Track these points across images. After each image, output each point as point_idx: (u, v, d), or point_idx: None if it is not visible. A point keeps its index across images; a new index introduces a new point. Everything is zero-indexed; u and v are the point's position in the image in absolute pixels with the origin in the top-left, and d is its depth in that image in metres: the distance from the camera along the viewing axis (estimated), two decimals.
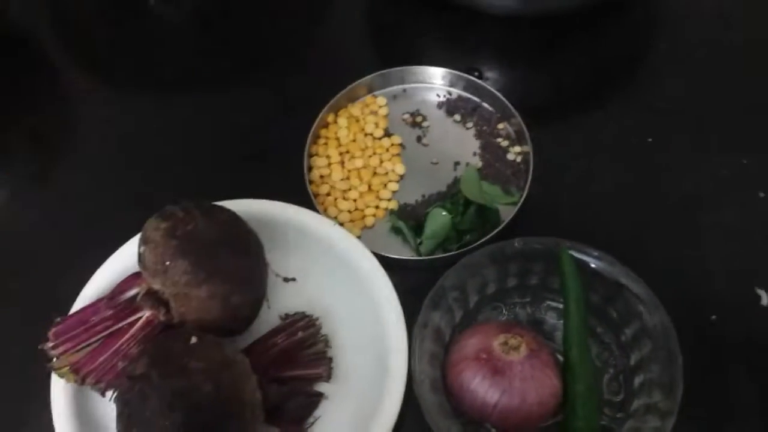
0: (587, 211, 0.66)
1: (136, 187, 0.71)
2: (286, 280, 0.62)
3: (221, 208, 0.58)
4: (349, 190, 0.68)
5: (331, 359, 0.59)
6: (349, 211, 0.67)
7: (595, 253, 0.56)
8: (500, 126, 0.70)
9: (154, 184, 0.71)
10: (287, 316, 0.61)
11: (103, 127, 0.76)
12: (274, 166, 0.70)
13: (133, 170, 0.73)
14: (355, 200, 0.68)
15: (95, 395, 0.57)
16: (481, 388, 0.52)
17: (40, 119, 0.78)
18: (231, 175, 0.70)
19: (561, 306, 0.58)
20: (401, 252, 0.64)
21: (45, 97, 0.79)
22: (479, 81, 0.71)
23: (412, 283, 0.60)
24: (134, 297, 0.56)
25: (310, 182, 0.68)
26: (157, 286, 0.54)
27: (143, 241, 0.54)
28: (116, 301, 0.56)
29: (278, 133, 0.72)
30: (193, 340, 0.51)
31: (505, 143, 0.69)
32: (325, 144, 0.70)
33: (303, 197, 0.65)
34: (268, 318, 0.60)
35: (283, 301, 0.62)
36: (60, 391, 0.57)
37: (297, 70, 0.78)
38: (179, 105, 0.77)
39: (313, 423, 0.57)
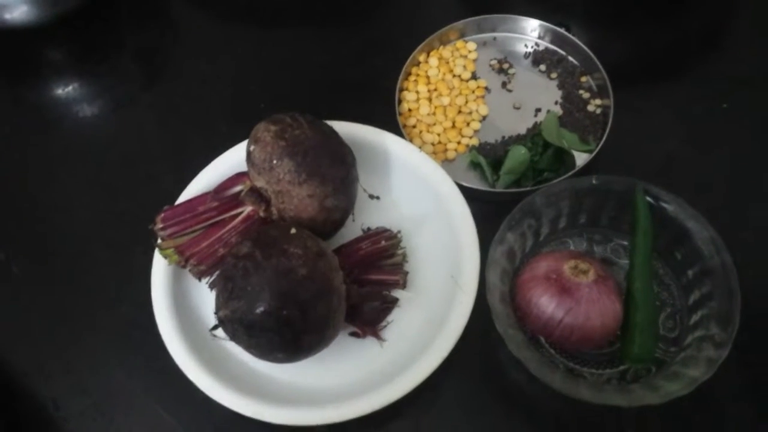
0: (658, 165, 0.70)
1: (238, 104, 0.77)
2: (371, 197, 0.67)
3: (323, 121, 0.63)
4: (434, 124, 0.73)
5: (407, 272, 0.64)
6: (433, 144, 0.72)
7: (667, 195, 0.59)
8: (583, 79, 0.74)
9: (255, 103, 0.77)
10: (369, 229, 0.66)
11: (208, 52, 0.82)
12: (368, 96, 0.75)
13: (236, 90, 0.79)
14: (439, 134, 0.72)
15: (189, 283, 0.63)
16: (549, 305, 0.56)
17: (148, 38, 0.85)
18: (328, 101, 0.76)
19: (627, 246, 0.62)
20: (478, 186, 0.69)
21: (154, 21, 0.86)
22: (568, 34, 0.75)
23: (486, 215, 0.64)
24: (238, 193, 0.62)
25: (400, 114, 0.72)
26: (260, 183, 0.60)
27: (253, 141, 0.60)
28: (221, 195, 0.62)
29: (374, 68, 0.77)
30: (293, 230, 0.56)
31: (586, 95, 0.73)
32: (416, 81, 0.75)
33: (392, 127, 0.70)
34: (353, 230, 0.65)
35: (367, 216, 0.67)
36: (160, 272, 0.63)
37: (395, 11, 0.83)
38: (283, 39, 0.82)
39: (386, 326, 0.62)
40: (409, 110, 0.74)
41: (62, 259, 0.70)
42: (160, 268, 0.63)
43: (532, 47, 0.77)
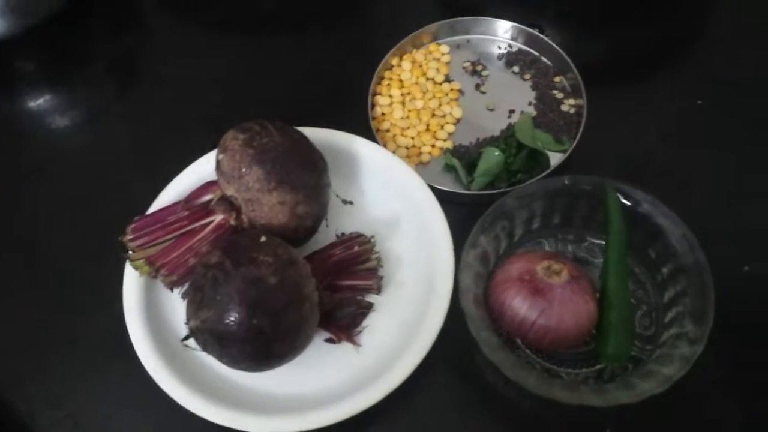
0: (633, 164, 0.70)
1: (211, 112, 0.76)
2: (344, 202, 0.67)
3: (293, 127, 0.62)
4: (408, 128, 0.72)
5: (382, 276, 0.63)
6: (407, 147, 0.71)
7: (639, 194, 0.59)
8: (556, 79, 0.74)
9: (228, 110, 0.76)
10: (343, 235, 0.65)
11: (183, 60, 0.82)
12: (341, 101, 0.75)
13: (209, 97, 0.78)
14: (413, 138, 0.72)
15: (162, 293, 0.63)
16: (522, 306, 0.56)
17: (120, 48, 0.84)
18: (300, 107, 0.75)
19: (602, 245, 0.62)
20: (453, 188, 0.68)
21: (126, 30, 0.85)
22: (541, 35, 0.75)
23: (461, 217, 0.64)
24: (208, 202, 0.61)
25: (373, 118, 0.72)
26: (230, 192, 0.59)
27: (222, 150, 0.59)
28: (191, 205, 0.62)
29: (346, 72, 0.77)
30: (263, 238, 0.56)
31: (560, 95, 0.73)
32: (389, 85, 0.75)
33: (365, 131, 0.70)
34: (327, 236, 0.65)
35: (340, 221, 0.66)
36: (132, 283, 0.62)
37: (367, 15, 0.83)
38: (255, 46, 0.81)
39: (361, 331, 0.62)
40: (383, 114, 0.73)
41: (36, 271, 0.69)
42: (131, 279, 0.62)
43: (505, 49, 0.77)
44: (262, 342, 0.53)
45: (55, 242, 0.71)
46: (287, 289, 0.53)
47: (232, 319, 0.52)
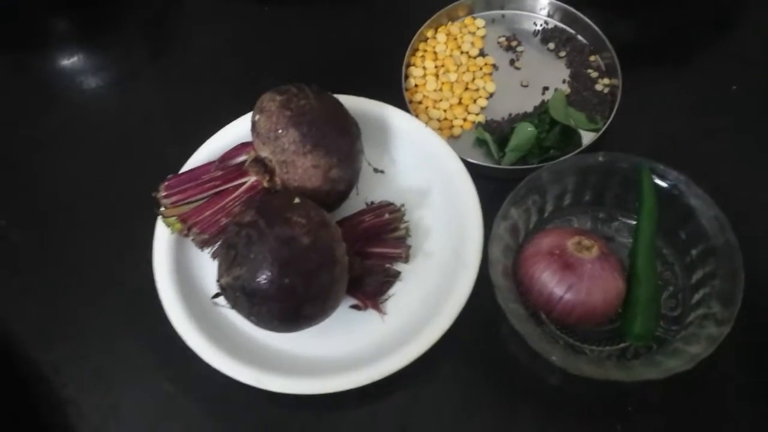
0: (665, 145, 0.69)
1: (244, 79, 0.77)
2: (376, 170, 0.67)
3: (329, 93, 0.62)
4: (441, 100, 0.72)
5: (410, 246, 0.63)
6: (439, 120, 0.71)
7: (673, 174, 0.59)
8: (592, 58, 0.73)
9: (263, 75, 0.76)
10: (373, 203, 0.65)
11: (216, 26, 0.82)
12: (375, 71, 0.74)
13: (241, 63, 0.78)
14: (445, 110, 0.72)
15: (191, 253, 0.63)
16: (552, 280, 0.56)
17: (153, 11, 0.84)
18: (335, 75, 0.75)
19: (631, 225, 0.62)
20: (484, 162, 0.68)
21: None
22: (578, 13, 0.74)
23: (490, 191, 0.64)
24: (242, 163, 0.62)
25: (406, 89, 0.72)
26: (265, 153, 0.60)
27: (259, 110, 0.59)
28: (225, 165, 0.62)
29: (381, 42, 0.77)
30: (296, 200, 0.56)
31: (594, 74, 0.72)
32: (423, 56, 0.74)
33: (399, 102, 0.70)
34: (356, 204, 0.65)
35: (371, 190, 0.66)
36: (163, 241, 0.63)
37: None
38: (290, 13, 0.81)
39: (387, 299, 0.62)
40: (416, 86, 0.73)
41: (64, 228, 0.70)
42: (162, 236, 0.63)
43: (541, 25, 0.76)
44: (293, 302, 0.53)
45: (84, 201, 0.71)
46: (320, 250, 0.54)
47: (265, 277, 0.52)
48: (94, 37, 0.83)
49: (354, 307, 0.62)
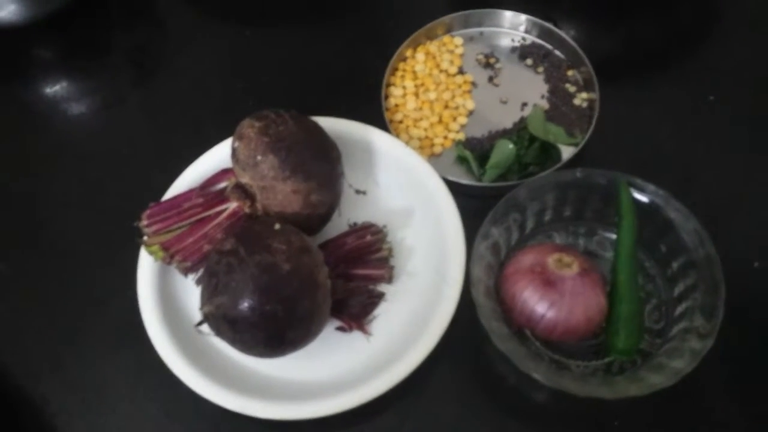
0: (645, 158, 0.70)
1: (226, 102, 0.77)
2: (357, 192, 0.67)
3: (307, 117, 0.63)
4: (421, 119, 0.73)
5: (393, 266, 0.64)
6: (419, 139, 0.72)
7: (651, 188, 0.60)
8: (569, 73, 0.74)
9: (243, 100, 0.77)
10: (355, 224, 0.66)
11: (198, 50, 0.82)
12: (355, 91, 0.75)
13: (224, 87, 0.79)
14: (425, 129, 0.72)
15: (175, 279, 0.63)
16: (533, 298, 0.56)
17: (136, 37, 0.84)
18: (314, 97, 0.76)
19: (612, 239, 0.63)
20: (465, 180, 0.68)
21: (143, 19, 0.86)
22: (554, 28, 0.75)
23: (472, 209, 0.64)
24: (223, 189, 0.62)
25: (386, 109, 0.72)
26: (245, 179, 0.60)
27: (238, 137, 0.60)
28: (206, 192, 0.62)
29: (360, 63, 0.77)
30: (277, 226, 0.56)
31: (572, 89, 0.73)
32: (402, 76, 0.75)
33: (379, 122, 0.70)
34: (339, 225, 0.65)
35: (353, 211, 0.67)
36: (146, 269, 0.63)
37: (381, 6, 0.83)
38: (270, 36, 0.82)
39: (372, 320, 0.62)
40: (396, 105, 0.74)
41: (50, 256, 0.70)
42: (146, 264, 0.63)
43: (518, 41, 0.77)
44: (276, 328, 0.53)
45: (69, 228, 0.71)
46: (301, 276, 0.54)
47: (246, 305, 0.52)
48: (77, 63, 0.83)
49: (339, 329, 0.62)
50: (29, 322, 0.67)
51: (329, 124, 0.65)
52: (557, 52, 0.75)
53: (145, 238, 0.61)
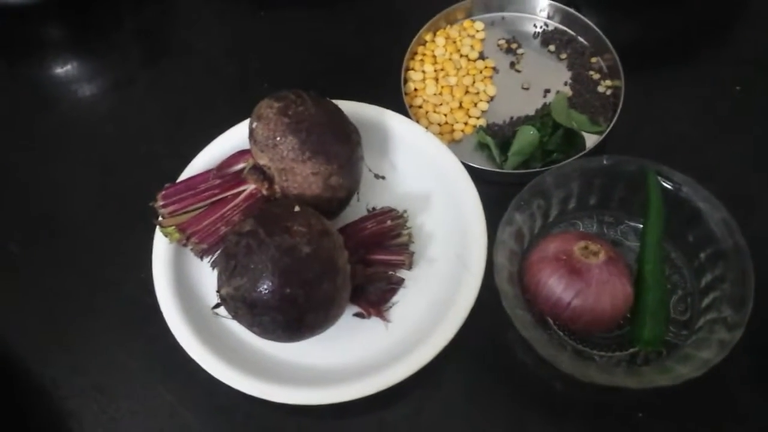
0: (669, 147, 0.69)
1: (240, 84, 0.76)
2: (377, 176, 0.66)
3: (327, 99, 0.61)
4: (441, 104, 0.71)
5: (413, 252, 0.62)
6: (439, 124, 0.70)
7: (679, 176, 0.58)
8: (593, 60, 0.73)
9: (258, 82, 0.75)
10: (374, 209, 0.64)
11: (210, 30, 0.81)
12: (374, 76, 0.74)
13: (237, 69, 0.77)
14: (445, 114, 0.71)
15: (189, 262, 0.62)
16: (558, 286, 0.55)
17: (147, 17, 0.83)
18: (333, 80, 0.74)
19: (637, 228, 0.61)
20: (486, 167, 0.67)
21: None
22: (578, 14, 0.73)
23: (492, 196, 0.63)
24: (240, 171, 0.61)
25: (406, 94, 0.71)
26: (263, 161, 0.59)
27: (256, 118, 0.58)
28: (223, 173, 0.61)
29: (379, 47, 0.76)
30: (296, 208, 0.55)
31: (596, 76, 0.72)
32: (422, 60, 0.74)
33: (398, 106, 0.69)
34: (358, 210, 0.64)
35: (372, 196, 0.65)
36: (161, 251, 0.62)
37: None
38: (287, 18, 0.80)
39: (391, 307, 0.61)
40: (415, 90, 0.72)
41: (61, 239, 0.69)
42: (161, 246, 0.62)
43: (541, 27, 0.75)
44: (295, 312, 0.52)
45: (79, 210, 0.70)
46: (321, 259, 0.53)
47: (266, 287, 0.51)
48: (88, 44, 0.82)
49: (358, 315, 0.61)
50: (39, 304, 0.66)
51: (348, 107, 0.64)
52: (580, 39, 0.74)
53: (161, 218, 0.60)
